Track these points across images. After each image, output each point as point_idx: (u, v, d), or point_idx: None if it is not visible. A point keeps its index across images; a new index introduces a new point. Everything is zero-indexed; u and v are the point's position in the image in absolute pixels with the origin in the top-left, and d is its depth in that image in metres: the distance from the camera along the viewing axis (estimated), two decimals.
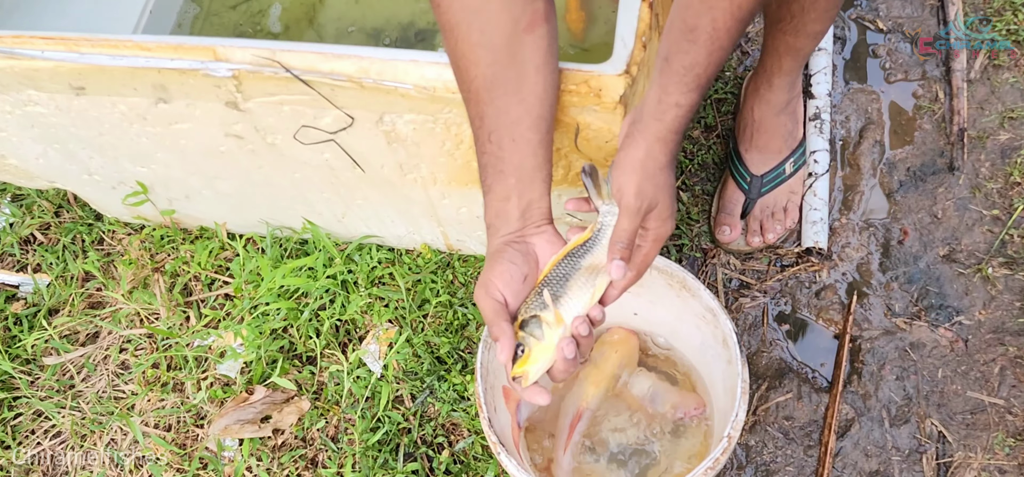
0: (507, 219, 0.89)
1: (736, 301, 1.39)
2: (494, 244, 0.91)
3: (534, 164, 0.89)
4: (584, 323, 0.87)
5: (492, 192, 0.90)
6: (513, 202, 0.88)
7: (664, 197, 0.85)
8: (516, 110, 0.87)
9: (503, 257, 0.88)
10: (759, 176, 1.40)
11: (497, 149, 0.88)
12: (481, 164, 0.90)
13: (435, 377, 1.34)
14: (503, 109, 0.87)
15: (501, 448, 0.99)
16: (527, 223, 0.90)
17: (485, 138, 0.88)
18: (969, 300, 1.33)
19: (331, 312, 1.39)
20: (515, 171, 0.88)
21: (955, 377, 1.29)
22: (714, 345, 1.10)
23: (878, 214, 1.42)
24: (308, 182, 1.24)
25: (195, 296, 1.46)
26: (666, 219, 0.87)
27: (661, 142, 0.83)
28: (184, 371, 1.40)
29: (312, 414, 1.34)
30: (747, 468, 1.28)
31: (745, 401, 0.98)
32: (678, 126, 0.83)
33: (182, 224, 1.49)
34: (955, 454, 1.24)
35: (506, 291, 0.88)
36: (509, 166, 0.88)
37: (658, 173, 0.84)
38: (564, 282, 0.88)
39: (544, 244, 0.90)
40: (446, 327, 1.38)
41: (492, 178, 0.89)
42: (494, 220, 0.91)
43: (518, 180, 0.88)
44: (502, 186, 0.89)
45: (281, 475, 1.32)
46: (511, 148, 0.87)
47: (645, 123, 0.84)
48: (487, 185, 0.90)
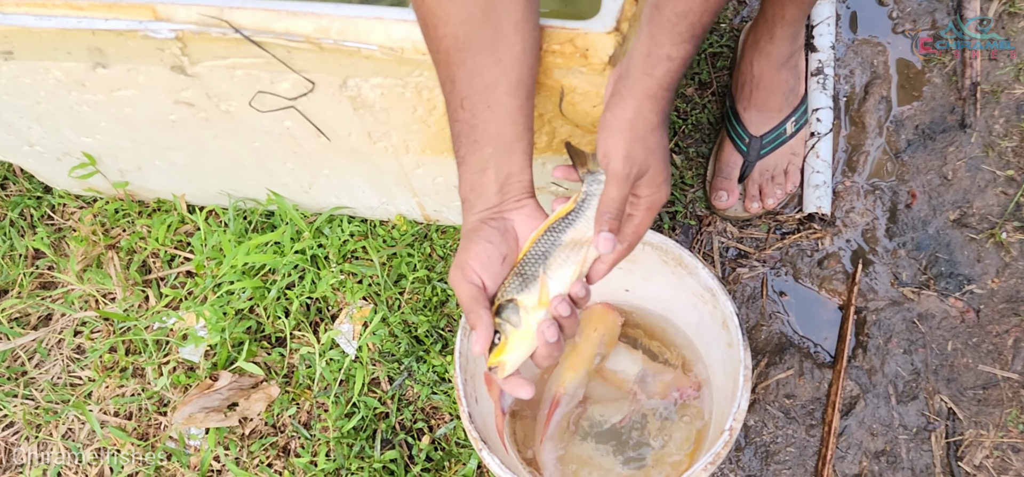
0: (484, 193, 0.81)
1: (733, 271, 1.30)
2: (470, 221, 0.82)
3: (513, 133, 0.80)
4: (564, 303, 0.78)
5: (466, 164, 0.81)
6: (490, 174, 0.80)
7: (656, 161, 0.76)
8: (491, 73, 0.77)
9: (479, 236, 0.80)
10: (758, 137, 1.30)
11: (471, 116, 0.78)
12: (454, 133, 0.81)
13: (413, 358, 1.26)
14: (476, 71, 0.77)
15: (483, 445, 0.91)
16: (506, 197, 0.81)
17: (457, 104, 0.78)
18: (981, 267, 1.25)
19: (300, 290, 1.30)
20: (492, 141, 0.79)
21: (966, 350, 1.21)
22: (713, 326, 1.01)
23: (885, 176, 1.33)
24: (269, 152, 1.14)
25: (154, 274, 1.36)
26: (660, 185, 0.78)
27: (651, 100, 0.74)
28: (144, 355, 1.30)
29: (282, 400, 1.25)
30: (746, 450, 1.20)
31: (747, 390, 0.90)
32: (670, 81, 0.73)
33: (138, 196, 1.38)
34: (966, 432, 1.17)
35: (483, 274, 0.79)
36: (485, 135, 0.79)
37: (649, 134, 0.75)
38: (543, 260, 0.79)
39: (524, 220, 0.82)
40: (424, 304, 1.28)
41: (466, 148, 0.80)
42: (469, 194, 0.82)
43: (495, 150, 0.79)
44: (477, 157, 0.80)
45: (251, 465, 1.24)
46: (486, 115, 0.78)
47: (633, 79, 0.74)
48: (461, 156, 0.81)
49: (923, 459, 1.16)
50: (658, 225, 1.33)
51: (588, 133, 0.97)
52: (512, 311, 0.78)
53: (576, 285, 0.79)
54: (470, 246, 0.80)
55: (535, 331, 0.78)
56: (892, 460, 1.17)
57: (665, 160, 0.77)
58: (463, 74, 0.77)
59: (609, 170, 0.76)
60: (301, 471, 1.22)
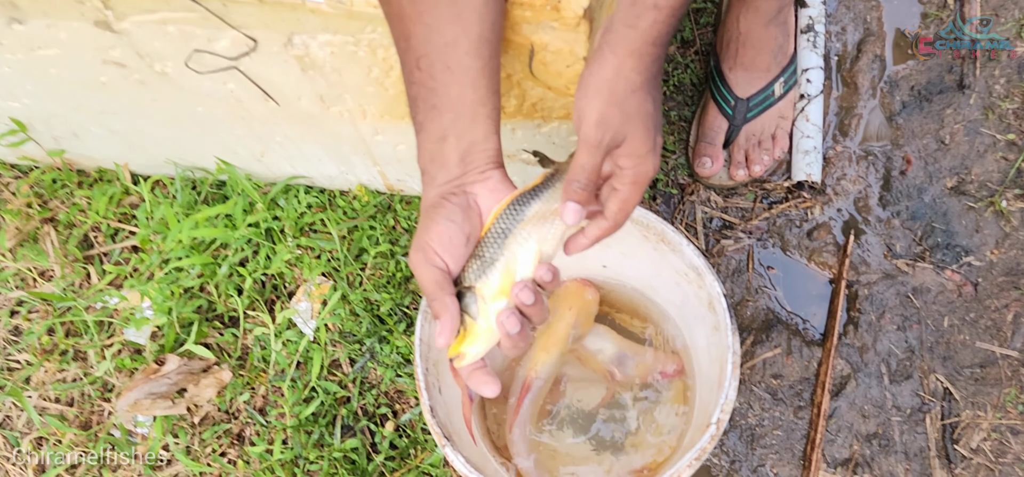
0: (444, 164, 0.72)
1: (718, 243, 1.22)
2: (429, 196, 0.73)
3: (475, 97, 0.70)
4: (526, 289, 0.69)
5: (425, 131, 0.72)
6: (450, 143, 0.71)
7: (637, 128, 0.66)
8: (450, 29, 0.68)
9: (440, 214, 0.71)
10: (744, 99, 1.22)
11: (428, 78, 0.69)
12: (410, 96, 0.72)
13: (376, 339, 1.17)
14: (434, 27, 0.67)
15: (446, 441, 0.83)
16: (468, 168, 0.72)
17: (412, 64, 0.70)
18: (979, 238, 1.18)
19: (254, 266, 1.20)
20: (451, 106, 0.70)
21: (963, 326, 1.14)
22: (697, 307, 0.93)
23: (878, 141, 1.25)
24: (214, 117, 1.04)
25: (96, 249, 1.26)
26: (644, 155, 0.68)
27: (634, 56, 0.64)
28: (85, 337, 1.21)
29: (236, 384, 1.17)
30: (730, 434, 1.13)
31: (736, 378, 0.82)
32: (657, 35, 0.63)
33: (77, 165, 1.28)
34: (962, 413, 1.11)
35: (446, 255, 0.70)
36: (444, 100, 0.70)
37: (628, 97, 0.65)
38: (502, 240, 0.71)
39: (488, 194, 0.73)
40: (388, 280, 1.19)
41: (424, 114, 0.71)
42: (429, 165, 0.73)
43: (456, 117, 0.70)
44: (436, 124, 0.71)
45: (203, 454, 1.15)
46: (446, 77, 0.69)
47: (616, 32, 0.64)
48: (418, 122, 0.72)
49: (917, 442, 1.10)
50: None
51: (561, 96, 0.88)
52: (471, 300, 0.70)
53: (541, 269, 0.70)
54: (431, 224, 0.71)
55: (494, 323, 0.70)
56: (884, 443, 1.10)
57: (649, 127, 0.67)
58: (419, 31, 0.68)
59: (580, 134, 0.67)
60: (256, 460, 1.13)
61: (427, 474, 1.11)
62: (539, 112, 0.91)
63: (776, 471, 1.11)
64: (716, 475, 1.12)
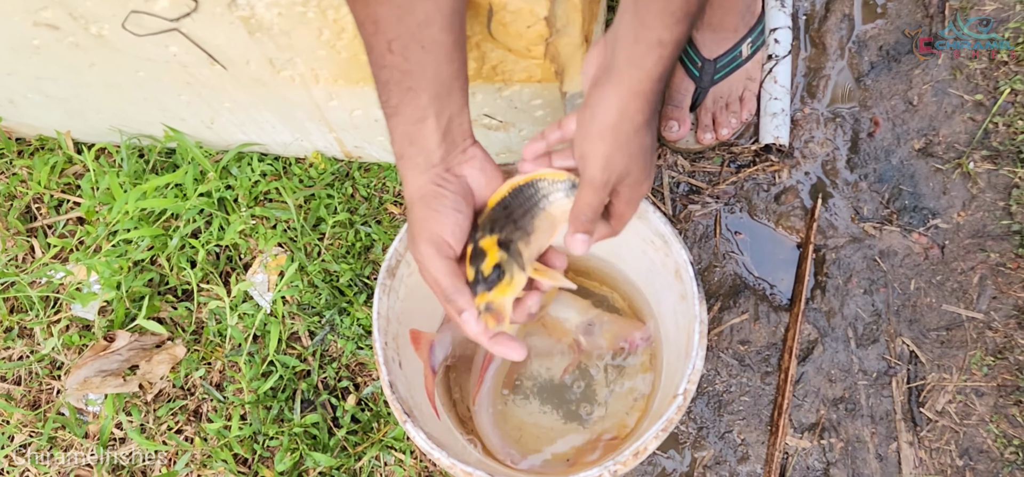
0: (424, 145, 0.70)
1: (685, 209, 1.20)
2: (419, 182, 0.70)
3: (450, 72, 0.68)
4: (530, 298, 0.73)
5: (400, 114, 0.68)
6: (430, 123, 0.69)
7: (638, 163, 0.68)
8: (422, 7, 0.64)
9: (443, 203, 0.69)
10: (711, 60, 1.19)
11: (402, 61, 0.65)
12: (381, 81, 0.68)
13: (336, 311, 1.13)
14: (405, 8, 0.63)
15: (406, 418, 0.80)
16: (451, 148, 0.71)
17: (383, 48, 0.65)
18: (947, 200, 1.17)
19: (207, 237, 1.16)
20: (429, 85, 0.67)
21: (929, 289, 1.14)
22: (664, 274, 0.91)
23: (846, 102, 1.23)
24: (158, 82, 0.99)
25: (39, 221, 1.20)
26: (640, 182, 0.70)
27: (639, 97, 0.63)
28: (31, 313, 1.16)
29: (191, 359, 1.13)
30: (698, 400, 1.12)
31: (703, 348, 0.80)
32: (662, 71, 0.62)
33: (16, 133, 1.22)
34: (928, 376, 1.10)
35: (458, 246, 0.70)
36: (421, 80, 0.67)
37: (633, 137, 0.65)
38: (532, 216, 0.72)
39: (478, 174, 0.73)
40: (347, 251, 1.16)
41: (399, 97, 0.68)
42: (407, 148, 0.70)
43: (434, 95, 0.68)
44: (413, 106, 0.68)
45: (158, 432, 1.12)
46: (421, 57, 0.66)
47: (619, 71, 0.63)
48: (392, 106, 0.68)
49: (883, 405, 1.10)
50: None
51: (522, 57, 0.85)
52: (517, 252, 0.69)
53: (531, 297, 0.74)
54: (438, 215, 0.69)
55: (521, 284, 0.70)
56: (851, 407, 1.10)
57: (648, 160, 0.69)
58: (388, 12, 0.63)
59: (585, 175, 0.68)
60: (214, 437, 1.10)
61: (390, 448, 1.09)
62: (499, 75, 0.88)
63: (743, 437, 1.10)
64: (683, 442, 1.11)
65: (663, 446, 1.11)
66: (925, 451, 1.08)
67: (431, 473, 1.09)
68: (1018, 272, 1.12)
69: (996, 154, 1.17)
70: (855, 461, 1.08)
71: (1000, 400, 1.08)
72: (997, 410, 1.08)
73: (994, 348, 1.10)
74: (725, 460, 1.10)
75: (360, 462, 1.08)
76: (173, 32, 0.86)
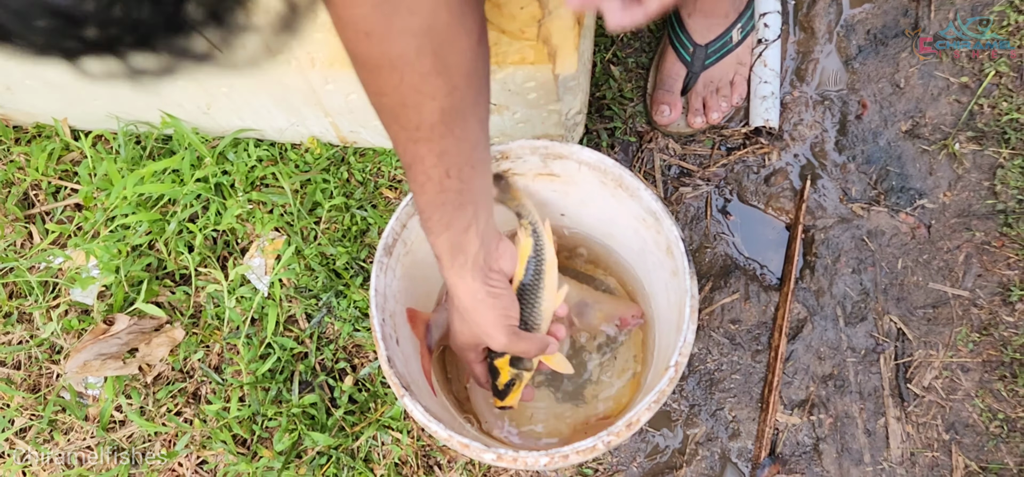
0: (469, 251, 0.76)
1: (676, 191, 1.22)
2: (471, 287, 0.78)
3: (489, 179, 0.76)
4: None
5: (451, 228, 0.74)
6: (473, 230, 0.75)
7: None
8: (476, 132, 0.69)
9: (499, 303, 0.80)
10: (703, 45, 1.21)
11: (458, 183, 0.70)
12: (435, 203, 0.71)
13: (333, 293, 1.15)
14: (464, 137, 0.68)
15: (404, 391, 0.81)
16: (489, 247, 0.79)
17: (442, 175, 0.69)
18: (933, 181, 1.19)
19: (204, 222, 1.17)
20: (474, 198, 0.73)
21: (916, 268, 1.16)
22: (656, 252, 0.93)
23: (835, 85, 1.25)
24: None
25: (37, 208, 1.21)
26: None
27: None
28: (30, 299, 1.17)
29: (190, 342, 1.14)
30: (689, 379, 1.14)
31: (694, 322, 0.82)
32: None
33: (13, 120, 1.23)
34: (915, 353, 1.12)
35: None
36: (468, 195, 0.72)
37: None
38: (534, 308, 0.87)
39: (510, 263, 0.84)
40: (343, 234, 1.17)
41: (451, 215, 0.73)
42: (456, 257, 0.76)
43: (479, 206, 0.74)
44: (462, 219, 0.73)
45: (157, 414, 1.13)
46: (472, 175, 0.71)
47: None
48: (444, 224, 0.73)
49: (871, 382, 1.12)
50: (596, 143, 1.23)
51: (515, 39, 0.86)
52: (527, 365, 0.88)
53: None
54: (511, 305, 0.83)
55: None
56: (840, 384, 1.12)
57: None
58: (451, 144, 0.67)
59: None
60: (213, 418, 1.11)
61: (387, 427, 1.10)
62: (493, 58, 0.89)
63: (734, 414, 1.12)
64: (676, 420, 1.13)
65: (656, 424, 1.13)
66: (912, 426, 1.10)
67: (428, 452, 1.11)
68: (1003, 250, 1.14)
69: (981, 135, 1.19)
70: (844, 436, 1.10)
71: (985, 375, 1.10)
72: (982, 385, 1.10)
73: (979, 325, 1.12)
74: (717, 437, 1.12)
75: (358, 441, 1.10)
76: None
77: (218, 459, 1.11)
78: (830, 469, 1.09)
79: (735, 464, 1.11)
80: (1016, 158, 1.17)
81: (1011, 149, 1.17)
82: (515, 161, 0.90)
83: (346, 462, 1.09)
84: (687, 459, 1.11)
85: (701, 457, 1.11)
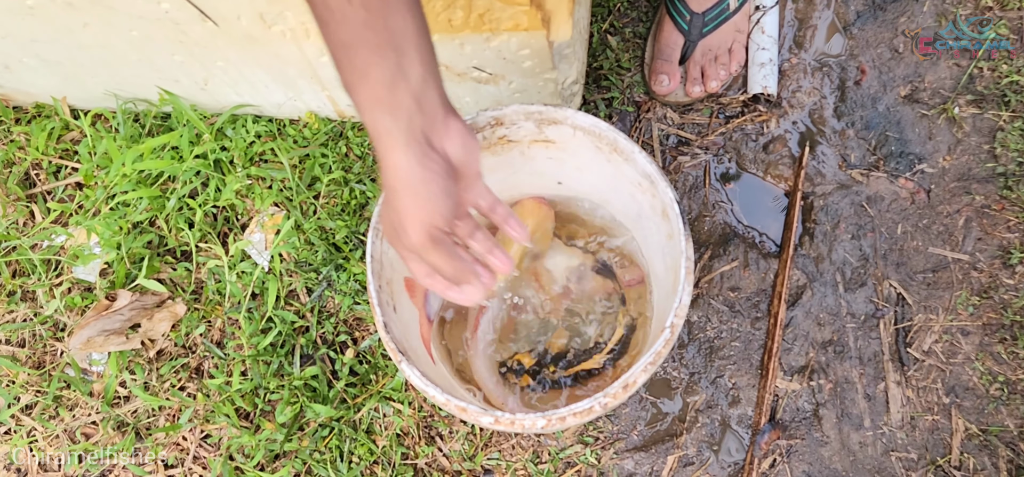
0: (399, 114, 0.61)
1: (674, 160, 1.22)
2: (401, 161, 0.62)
3: (417, 25, 0.60)
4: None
5: (368, 77, 0.59)
6: (402, 89, 0.60)
7: None
8: None
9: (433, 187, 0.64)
10: (700, 14, 1.20)
11: (364, 13, 0.57)
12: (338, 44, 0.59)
13: (332, 267, 1.15)
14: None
15: (401, 356, 0.82)
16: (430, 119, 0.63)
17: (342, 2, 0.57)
18: (932, 145, 1.18)
19: (204, 198, 1.17)
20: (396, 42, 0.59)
21: (916, 232, 1.16)
22: (652, 216, 0.93)
23: (833, 51, 1.24)
24: (151, 42, 1.00)
25: (39, 187, 1.22)
26: None
27: None
28: (33, 277, 1.18)
29: (191, 317, 1.15)
30: (689, 347, 1.14)
31: (690, 284, 0.82)
32: None
33: (12, 100, 1.23)
34: (915, 317, 1.12)
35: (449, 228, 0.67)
36: (386, 35, 0.58)
37: None
38: None
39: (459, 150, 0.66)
40: (342, 208, 1.18)
41: (364, 57, 0.59)
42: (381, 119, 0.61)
43: (405, 56, 0.60)
44: (382, 68, 0.59)
45: (161, 389, 1.14)
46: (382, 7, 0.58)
47: None
48: (358, 70, 0.59)
49: (871, 347, 1.12)
50: (594, 113, 1.23)
51: (510, 4, 0.86)
52: None
53: None
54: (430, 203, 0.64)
55: None
56: (840, 350, 1.12)
57: None
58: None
59: None
60: (216, 393, 1.12)
61: (389, 398, 1.11)
62: (487, 24, 0.89)
63: (734, 381, 1.13)
64: (676, 388, 1.13)
65: (657, 392, 1.13)
66: (912, 390, 1.10)
67: (429, 422, 1.12)
68: (1002, 214, 1.14)
69: (981, 98, 1.18)
70: (844, 401, 1.10)
71: (985, 338, 1.10)
72: (982, 348, 1.10)
73: (979, 288, 1.12)
74: (717, 404, 1.12)
75: (359, 413, 1.11)
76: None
77: (222, 432, 1.12)
78: (830, 434, 1.09)
79: (735, 430, 1.11)
80: (1016, 120, 1.16)
81: (1011, 112, 1.16)
82: (510, 127, 0.90)
83: (348, 433, 1.10)
84: (687, 426, 1.12)
85: (701, 424, 1.11)
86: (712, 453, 1.10)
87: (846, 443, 1.09)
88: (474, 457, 1.10)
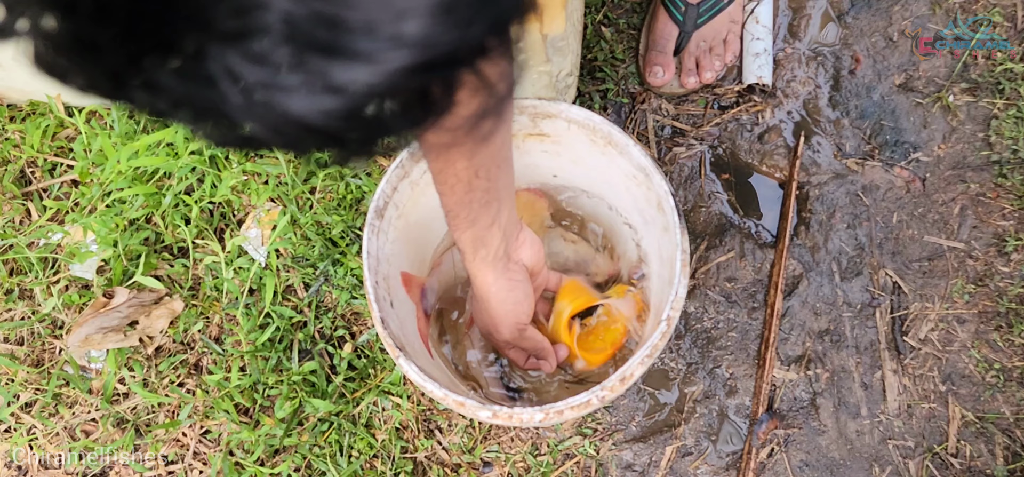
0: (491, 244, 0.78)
1: (669, 151, 1.22)
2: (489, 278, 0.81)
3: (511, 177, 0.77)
4: None
5: (476, 224, 0.75)
6: (496, 226, 0.77)
7: None
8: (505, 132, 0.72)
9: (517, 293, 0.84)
10: (695, 4, 1.20)
11: (486, 183, 0.71)
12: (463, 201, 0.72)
13: (329, 262, 1.16)
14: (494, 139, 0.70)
15: (399, 352, 0.82)
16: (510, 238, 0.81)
17: (472, 176, 0.70)
18: (927, 133, 1.19)
19: (200, 194, 1.17)
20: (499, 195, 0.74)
21: (911, 221, 1.16)
22: (648, 209, 0.93)
23: (827, 40, 1.25)
24: None
25: (34, 185, 1.22)
26: None
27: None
28: (30, 275, 1.18)
29: (189, 314, 1.15)
30: (685, 338, 1.15)
31: (685, 276, 0.82)
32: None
33: (7, 99, 1.23)
34: (911, 306, 1.13)
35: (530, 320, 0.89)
36: (494, 193, 0.73)
37: None
38: None
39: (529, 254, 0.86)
40: (338, 203, 1.18)
41: (477, 212, 0.74)
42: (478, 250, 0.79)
43: (503, 202, 0.75)
44: (487, 215, 0.75)
45: (160, 386, 1.14)
46: (498, 174, 0.72)
47: None
48: (469, 221, 0.75)
49: (867, 336, 1.12)
50: (588, 105, 1.23)
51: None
52: None
53: None
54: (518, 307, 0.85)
55: None
56: (836, 339, 1.13)
57: None
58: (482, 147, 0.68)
59: None
60: (215, 389, 1.13)
61: (387, 392, 1.11)
62: None
63: (732, 371, 1.13)
64: (673, 379, 1.14)
65: (654, 383, 1.13)
66: (909, 378, 1.10)
67: (428, 416, 1.12)
68: (997, 201, 1.14)
69: (975, 86, 1.18)
70: (841, 390, 1.11)
71: (981, 326, 1.11)
72: (978, 336, 1.11)
73: (975, 276, 1.13)
74: (714, 394, 1.13)
75: (358, 407, 1.11)
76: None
77: (221, 428, 1.12)
78: (827, 423, 1.10)
79: (733, 421, 1.12)
80: (1010, 108, 1.16)
81: (1005, 99, 1.17)
82: None
83: (347, 427, 1.10)
84: (685, 417, 1.12)
85: (699, 414, 1.12)
86: (710, 443, 1.11)
87: (843, 432, 1.09)
88: (473, 450, 1.11)
